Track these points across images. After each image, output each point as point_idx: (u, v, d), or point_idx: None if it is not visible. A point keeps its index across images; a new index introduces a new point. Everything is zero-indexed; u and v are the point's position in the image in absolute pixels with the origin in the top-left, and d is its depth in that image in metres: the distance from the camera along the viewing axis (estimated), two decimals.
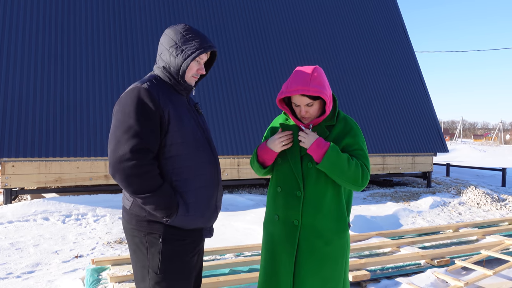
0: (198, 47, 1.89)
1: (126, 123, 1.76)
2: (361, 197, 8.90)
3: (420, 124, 11.13)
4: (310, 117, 2.10)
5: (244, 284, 3.55)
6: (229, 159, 8.61)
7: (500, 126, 67.90)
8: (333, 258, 2.06)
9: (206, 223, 1.95)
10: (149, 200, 1.77)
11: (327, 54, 10.77)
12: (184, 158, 1.86)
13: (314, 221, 2.05)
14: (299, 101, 2.05)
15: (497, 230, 5.56)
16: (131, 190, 1.77)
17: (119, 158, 1.74)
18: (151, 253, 1.86)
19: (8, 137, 7.00)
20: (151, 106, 1.79)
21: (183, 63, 1.88)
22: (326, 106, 2.05)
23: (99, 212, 6.55)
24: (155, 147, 1.81)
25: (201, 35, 1.94)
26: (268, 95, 9.51)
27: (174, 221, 1.83)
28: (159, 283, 1.85)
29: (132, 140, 1.74)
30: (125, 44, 8.64)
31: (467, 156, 24.13)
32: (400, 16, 12.72)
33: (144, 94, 1.80)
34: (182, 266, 1.88)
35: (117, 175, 1.76)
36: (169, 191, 1.81)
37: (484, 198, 8.58)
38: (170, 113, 1.83)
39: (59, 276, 4.00)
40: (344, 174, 1.99)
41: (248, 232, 5.61)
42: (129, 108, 1.78)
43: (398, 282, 3.76)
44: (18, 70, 7.55)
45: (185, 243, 1.89)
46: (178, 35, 1.91)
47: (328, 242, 2.05)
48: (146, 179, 1.75)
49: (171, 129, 1.83)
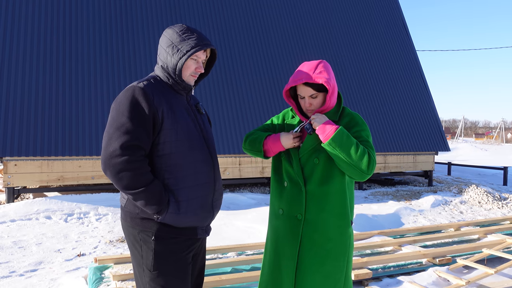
0: (194, 45, 1.90)
1: (119, 121, 1.80)
2: (363, 196, 8.90)
3: (422, 123, 11.12)
4: (314, 109, 2.12)
5: (246, 282, 3.55)
6: (231, 158, 8.61)
7: (502, 124, 67.80)
8: (335, 254, 2.08)
9: (200, 222, 1.95)
10: (139, 196, 1.79)
11: (328, 53, 10.76)
12: (177, 156, 1.87)
13: (317, 216, 2.07)
14: (304, 92, 2.08)
15: (499, 228, 5.56)
16: (121, 186, 1.79)
17: (109, 154, 1.77)
18: (144, 250, 1.88)
19: (10, 136, 7.02)
20: (144, 104, 1.82)
21: (179, 61, 1.90)
22: (328, 95, 2.06)
23: (101, 210, 6.56)
24: (147, 144, 1.83)
25: (198, 34, 1.95)
26: (270, 94, 9.52)
27: (165, 218, 1.84)
28: (154, 280, 1.87)
29: (123, 136, 1.77)
30: (127, 44, 8.64)
31: (468, 155, 24.11)
32: (402, 15, 12.70)
33: (139, 93, 1.83)
34: (176, 263, 1.89)
35: (108, 170, 1.79)
36: (159, 188, 1.82)
37: (485, 196, 8.58)
38: (164, 111, 1.85)
39: (62, 274, 4.02)
40: (350, 157, 1.97)
41: (250, 231, 5.62)
42: (123, 107, 1.81)
43: (400, 280, 3.77)
44: (21, 70, 7.57)
45: (179, 241, 1.90)
46: (174, 35, 1.93)
47: (330, 239, 2.07)
48: (136, 175, 1.77)
49: (164, 127, 1.85)
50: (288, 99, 2.20)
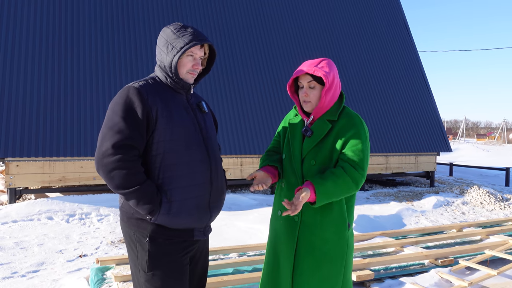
0: (188, 41, 1.88)
1: (112, 120, 1.80)
2: (364, 197, 8.89)
3: (423, 124, 11.11)
4: (311, 101, 2.11)
5: (248, 283, 3.55)
6: (232, 158, 8.61)
7: (504, 125, 67.67)
8: (331, 257, 2.07)
9: (196, 223, 1.92)
10: (130, 196, 1.78)
11: (330, 53, 10.76)
12: (171, 156, 1.86)
13: (313, 218, 2.07)
14: (303, 80, 2.11)
15: (501, 230, 5.54)
16: (113, 185, 1.79)
17: (102, 154, 1.78)
18: (139, 251, 1.87)
19: (12, 137, 7.03)
20: (138, 104, 1.82)
21: (173, 58, 1.89)
22: (323, 90, 2.06)
23: (102, 211, 6.56)
24: (140, 144, 1.83)
25: (193, 31, 1.94)
26: (271, 94, 9.52)
27: (158, 219, 1.83)
28: (149, 281, 1.86)
29: (115, 136, 1.77)
30: (129, 45, 8.65)
31: (470, 156, 24.06)
32: (403, 15, 12.69)
33: (133, 92, 1.83)
34: (171, 265, 1.87)
35: (100, 170, 1.79)
36: (151, 188, 1.81)
37: (487, 197, 8.56)
38: (158, 111, 1.85)
39: (64, 275, 4.02)
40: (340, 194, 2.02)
41: (251, 232, 5.61)
42: (117, 106, 1.82)
43: (402, 282, 3.76)
44: (23, 70, 7.58)
45: (174, 242, 1.88)
46: (169, 33, 1.93)
47: (327, 241, 2.06)
48: (127, 174, 1.76)
49: (159, 126, 1.84)
50: (293, 95, 2.22)
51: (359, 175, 2.01)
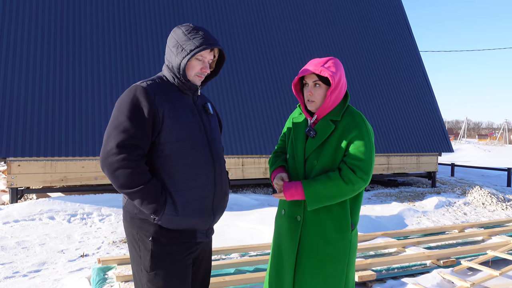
0: (198, 44, 1.87)
1: (118, 119, 1.80)
2: (366, 197, 8.88)
3: (425, 124, 11.09)
4: (315, 101, 2.10)
5: (250, 284, 3.55)
6: (233, 159, 8.61)
7: (505, 125, 67.58)
8: (334, 258, 2.07)
9: (199, 225, 1.92)
10: (135, 195, 1.78)
11: (331, 52, 10.75)
12: (177, 158, 1.85)
13: (315, 218, 2.07)
14: (309, 78, 2.10)
15: (503, 230, 5.53)
16: (117, 184, 1.79)
17: (107, 153, 1.78)
18: (142, 250, 1.87)
19: (14, 137, 7.04)
20: (145, 104, 1.81)
21: (182, 60, 1.88)
22: (329, 90, 2.05)
23: (104, 211, 6.57)
24: (145, 144, 1.82)
25: (205, 33, 1.92)
26: (273, 94, 9.51)
27: (161, 220, 1.82)
28: (151, 281, 1.85)
29: (120, 135, 1.77)
30: (131, 44, 8.66)
31: (471, 156, 24.04)
32: (405, 15, 12.67)
33: (140, 92, 1.82)
34: (173, 265, 1.86)
35: (105, 169, 1.79)
36: (156, 187, 1.80)
37: (489, 198, 8.54)
38: (164, 112, 1.84)
39: (66, 275, 4.02)
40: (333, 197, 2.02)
41: (253, 232, 5.61)
42: (123, 105, 1.81)
43: (404, 282, 3.75)
44: (24, 70, 7.59)
45: (177, 243, 1.88)
46: (181, 35, 1.91)
47: (330, 242, 2.06)
48: (132, 173, 1.76)
49: (165, 127, 1.84)
50: (298, 93, 2.22)
51: (357, 177, 2.00)
